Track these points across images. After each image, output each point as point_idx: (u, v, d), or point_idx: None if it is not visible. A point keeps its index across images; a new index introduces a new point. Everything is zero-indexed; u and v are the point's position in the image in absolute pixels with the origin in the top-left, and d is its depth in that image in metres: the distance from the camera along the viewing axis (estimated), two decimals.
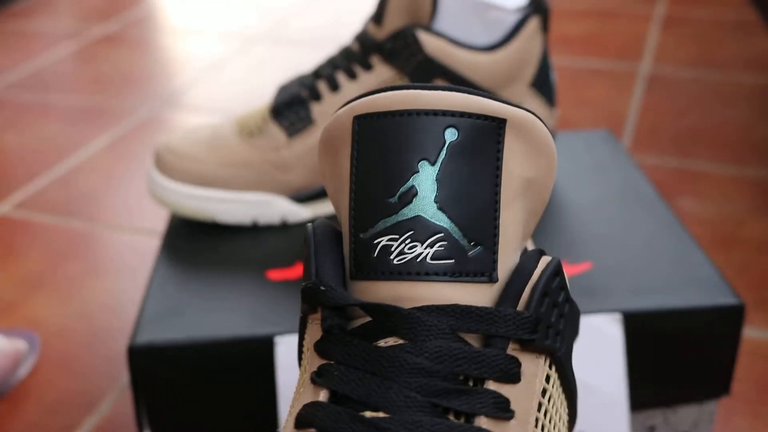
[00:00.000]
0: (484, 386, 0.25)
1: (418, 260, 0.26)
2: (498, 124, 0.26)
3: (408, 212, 0.26)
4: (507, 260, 0.27)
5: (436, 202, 0.26)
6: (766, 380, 0.56)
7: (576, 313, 0.29)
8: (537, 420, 0.26)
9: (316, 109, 0.51)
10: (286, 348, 0.43)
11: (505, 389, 0.25)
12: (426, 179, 0.26)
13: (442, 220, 0.26)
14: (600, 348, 0.43)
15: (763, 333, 0.61)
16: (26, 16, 1.41)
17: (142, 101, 1.06)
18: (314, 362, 0.26)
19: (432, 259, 0.26)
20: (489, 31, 0.51)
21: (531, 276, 0.27)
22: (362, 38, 0.51)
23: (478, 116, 0.26)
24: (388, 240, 0.26)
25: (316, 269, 0.27)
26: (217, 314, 0.44)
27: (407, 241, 0.26)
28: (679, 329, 0.44)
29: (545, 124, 0.28)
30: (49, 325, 0.65)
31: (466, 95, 0.26)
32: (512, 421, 0.25)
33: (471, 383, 0.25)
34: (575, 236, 0.50)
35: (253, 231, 0.52)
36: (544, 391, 0.26)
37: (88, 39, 1.29)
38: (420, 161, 0.26)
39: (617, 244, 0.49)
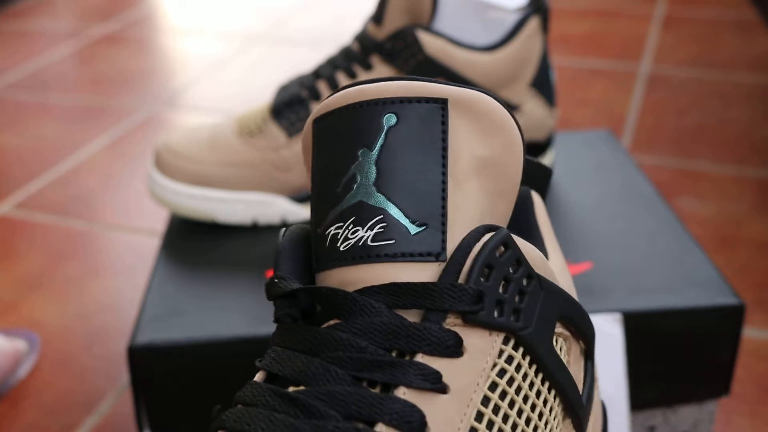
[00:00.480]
0: (414, 359, 0.25)
1: (360, 243, 0.26)
2: (440, 105, 0.27)
3: (351, 199, 0.27)
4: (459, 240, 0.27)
5: (374, 185, 0.26)
6: (766, 380, 0.56)
7: (556, 293, 0.28)
8: (488, 399, 0.25)
9: None
10: None
11: (439, 363, 0.25)
12: (366, 166, 0.27)
13: (381, 202, 0.26)
14: (600, 348, 0.43)
15: (763, 333, 0.61)
16: (26, 16, 1.41)
17: (142, 101, 1.06)
18: None
19: (372, 241, 0.26)
20: (489, 31, 0.51)
21: (471, 249, 0.26)
22: (362, 38, 0.51)
23: (418, 99, 0.27)
24: (336, 229, 0.27)
25: (275, 270, 0.28)
26: (217, 314, 0.44)
27: (350, 227, 0.26)
28: (679, 329, 0.44)
29: (501, 102, 0.28)
30: (48, 325, 0.65)
31: (404, 82, 0.27)
32: (445, 396, 0.24)
33: (406, 359, 0.25)
34: (575, 236, 0.50)
35: (253, 231, 0.52)
36: (502, 372, 0.26)
37: (88, 39, 1.29)
38: (361, 150, 0.27)
39: (617, 244, 0.49)
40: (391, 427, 0.23)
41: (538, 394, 0.27)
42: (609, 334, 0.43)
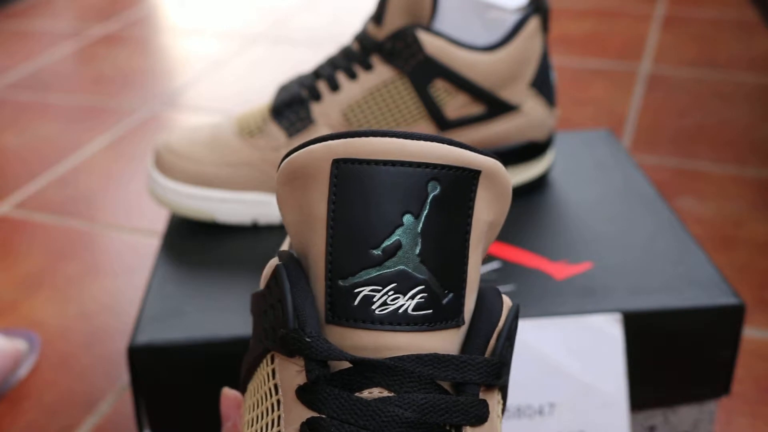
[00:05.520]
0: (463, 430, 0.27)
1: (401, 311, 0.27)
2: (474, 175, 0.27)
3: (391, 265, 0.27)
4: (470, 302, 0.28)
5: (418, 255, 0.27)
6: (766, 380, 0.56)
7: (515, 337, 0.31)
8: None
9: (316, 109, 0.51)
10: None
11: (477, 429, 0.27)
12: (409, 232, 0.27)
13: (423, 272, 0.27)
14: (600, 348, 0.43)
15: (763, 333, 0.61)
16: (26, 16, 1.41)
17: (142, 101, 1.06)
18: (297, 410, 0.27)
19: (413, 310, 0.27)
20: (489, 31, 0.51)
21: (497, 322, 0.28)
22: (362, 38, 0.51)
23: (457, 168, 0.27)
24: (371, 290, 0.27)
25: (294, 314, 0.27)
26: (217, 314, 0.44)
27: (390, 293, 0.27)
28: (679, 329, 0.44)
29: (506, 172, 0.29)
30: (49, 325, 0.65)
31: (447, 147, 0.27)
32: None
33: (453, 429, 0.27)
34: (575, 236, 0.50)
35: (253, 231, 0.52)
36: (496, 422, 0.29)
37: (88, 39, 1.29)
38: (404, 214, 0.27)
39: (617, 244, 0.49)
40: None
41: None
42: (609, 334, 0.43)
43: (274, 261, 0.29)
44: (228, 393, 0.34)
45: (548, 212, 0.53)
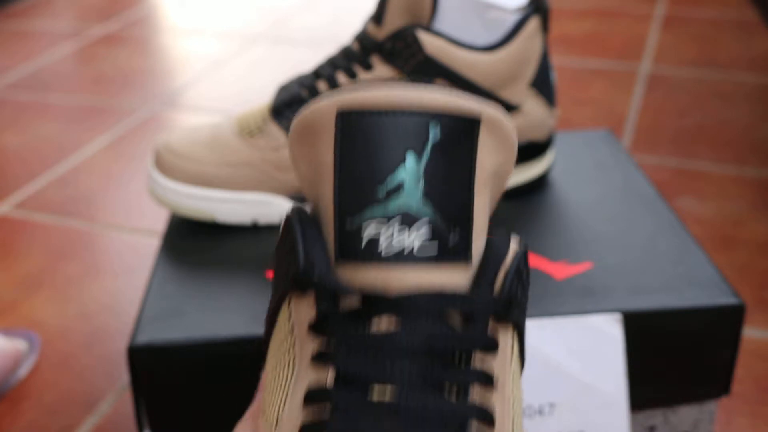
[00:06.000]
0: (472, 360, 0.28)
1: (405, 247, 0.28)
2: (474, 122, 0.29)
3: (396, 202, 0.28)
4: (478, 242, 0.30)
5: (422, 193, 0.28)
6: (766, 380, 0.56)
7: (528, 282, 0.32)
8: (512, 388, 0.29)
9: None
10: None
11: (488, 360, 0.28)
12: (412, 173, 0.28)
13: (426, 210, 0.28)
14: (600, 348, 0.43)
15: (763, 333, 0.61)
16: (26, 16, 1.41)
17: (142, 101, 1.06)
18: (309, 343, 0.28)
19: (417, 245, 0.28)
20: (489, 31, 0.51)
21: (504, 259, 0.30)
22: (362, 38, 0.51)
23: (458, 115, 0.29)
24: (376, 228, 0.28)
25: (305, 255, 0.29)
26: (217, 314, 0.44)
27: (395, 230, 0.28)
28: (679, 329, 0.44)
29: (509, 120, 0.31)
30: (48, 325, 0.65)
31: (446, 96, 0.29)
32: (495, 392, 0.28)
33: (462, 363, 0.28)
34: (575, 236, 0.50)
35: (253, 231, 0.52)
36: (511, 360, 0.30)
37: (88, 39, 1.29)
38: (407, 156, 0.28)
39: (617, 244, 0.49)
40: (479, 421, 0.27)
41: (518, 373, 0.31)
42: (609, 334, 0.43)
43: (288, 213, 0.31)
44: None
45: (548, 212, 0.53)
